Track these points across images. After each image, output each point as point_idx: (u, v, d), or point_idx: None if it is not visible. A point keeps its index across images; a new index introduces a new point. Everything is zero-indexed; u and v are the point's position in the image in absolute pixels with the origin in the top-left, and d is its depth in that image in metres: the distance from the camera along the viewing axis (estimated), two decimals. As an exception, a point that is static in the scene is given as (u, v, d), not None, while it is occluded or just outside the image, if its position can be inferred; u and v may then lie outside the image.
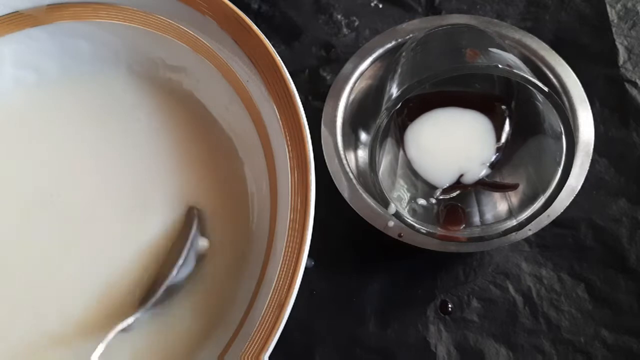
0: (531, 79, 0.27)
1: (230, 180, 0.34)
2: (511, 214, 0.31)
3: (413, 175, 0.33)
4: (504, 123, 0.33)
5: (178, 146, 0.35)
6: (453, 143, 0.33)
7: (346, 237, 0.35)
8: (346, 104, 0.35)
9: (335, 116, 0.34)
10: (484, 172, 0.33)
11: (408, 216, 0.31)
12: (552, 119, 0.28)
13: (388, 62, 0.36)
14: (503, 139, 0.33)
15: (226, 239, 0.33)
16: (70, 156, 0.35)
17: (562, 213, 0.31)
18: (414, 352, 0.33)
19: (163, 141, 0.35)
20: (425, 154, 0.33)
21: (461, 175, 0.33)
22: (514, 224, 0.30)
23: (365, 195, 0.32)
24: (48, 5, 0.34)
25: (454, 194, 0.33)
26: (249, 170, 0.34)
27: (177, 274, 0.30)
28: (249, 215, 0.33)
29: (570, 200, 0.31)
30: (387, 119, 0.28)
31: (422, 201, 0.33)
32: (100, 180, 0.34)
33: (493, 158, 0.33)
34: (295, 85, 0.30)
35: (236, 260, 0.32)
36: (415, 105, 0.33)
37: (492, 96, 0.34)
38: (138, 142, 0.35)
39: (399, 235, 0.31)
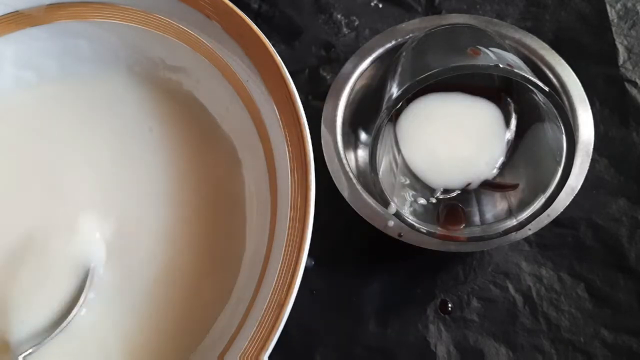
0: (532, 78, 0.27)
1: (229, 180, 0.34)
2: (511, 213, 0.31)
3: (412, 175, 0.33)
4: (510, 116, 0.33)
5: (177, 146, 0.35)
6: (459, 143, 0.33)
7: (346, 236, 0.35)
8: (346, 104, 0.35)
9: (335, 116, 0.34)
10: (493, 172, 0.33)
11: (408, 216, 0.31)
12: (552, 118, 0.28)
13: (388, 62, 0.36)
14: (509, 135, 0.32)
15: (226, 239, 0.33)
16: (69, 155, 0.35)
17: (562, 212, 0.31)
18: (413, 351, 0.33)
19: (162, 141, 0.35)
20: (426, 157, 0.33)
21: (468, 184, 0.33)
22: (514, 223, 0.30)
23: (365, 195, 0.32)
24: (48, 4, 0.34)
25: (454, 194, 0.33)
26: (248, 170, 0.34)
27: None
28: (249, 215, 0.33)
29: (570, 200, 0.31)
30: (388, 119, 0.28)
31: (422, 201, 0.33)
32: (99, 178, 0.34)
33: (501, 158, 0.32)
34: (295, 85, 0.30)
35: (236, 260, 0.32)
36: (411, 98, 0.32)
37: (495, 87, 0.33)
38: (137, 142, 0.35)
39: (399, 235, 0.31)
